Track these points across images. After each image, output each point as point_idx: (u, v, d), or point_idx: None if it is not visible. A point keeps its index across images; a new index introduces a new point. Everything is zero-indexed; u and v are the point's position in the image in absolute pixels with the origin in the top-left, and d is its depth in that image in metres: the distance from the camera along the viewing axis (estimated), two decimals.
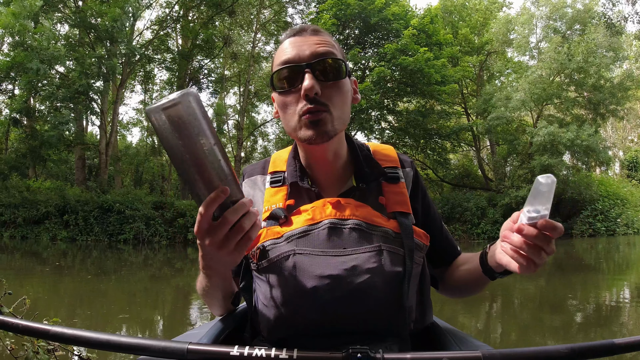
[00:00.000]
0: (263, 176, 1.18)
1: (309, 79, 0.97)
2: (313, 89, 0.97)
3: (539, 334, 4.98)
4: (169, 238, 18.59)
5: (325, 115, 1.00)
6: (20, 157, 21.75)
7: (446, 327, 1.20)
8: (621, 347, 0.77)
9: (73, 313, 5.96)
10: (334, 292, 0.95)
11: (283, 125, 1.08)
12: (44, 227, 18.12)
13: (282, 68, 1.01)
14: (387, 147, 1.22)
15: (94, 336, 0.80)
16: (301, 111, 1.00)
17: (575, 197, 20.77)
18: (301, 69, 0.99)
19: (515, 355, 0.76)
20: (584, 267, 11.16)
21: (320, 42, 1.03)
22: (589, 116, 22.57)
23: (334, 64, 1.02)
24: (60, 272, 9.80)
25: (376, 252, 0.99)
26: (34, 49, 17.43)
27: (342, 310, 0.95)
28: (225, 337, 1.15)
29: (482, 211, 20.72)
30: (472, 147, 27.72)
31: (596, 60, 20.02)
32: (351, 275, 0.95)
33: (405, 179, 1.15)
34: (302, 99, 0.99)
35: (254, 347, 0.77)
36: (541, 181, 0.75)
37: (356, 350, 0.76)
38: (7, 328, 0.83)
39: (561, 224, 0.80)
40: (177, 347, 0.78)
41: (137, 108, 32.93)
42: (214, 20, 25.03)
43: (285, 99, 1.03)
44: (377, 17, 20.10)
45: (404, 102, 23.52)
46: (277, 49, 1.08)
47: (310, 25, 1.08)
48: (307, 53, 1.00)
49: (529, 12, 24.16)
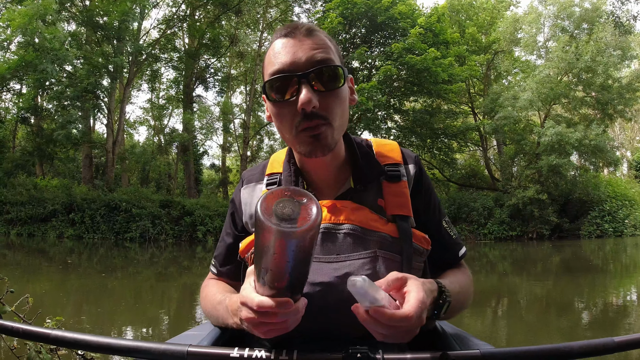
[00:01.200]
0: (260, 181, 1.15)
1: (305, 92, 0.90)
2: (310, 103, 0.90)
3: (546, 335, 4.94)
4: (175, 236, 18.67)
5: (325, 128, 0.94)
6: (27, 155, 21.91)
7: (446, 326, 1.19)
8: (621, 344, 0.76)
9: (80, 311, 5.99)
10: (326, 300, 0.93)
11: (278, 132, 1.04)
12: (50, 225, 18.25)
13: (274, 78, 0.93)
14: (390, 143, 1.15)
15: (93, 340, 0.80)
16: (299, 125, 0.93)
17: (582, 198, 20.65)
18: (296, 78, 0.92)
19: (515, 354, 0.76)
20: (592, 269, 11.08)
21: (316, 46, 0.94)
22: (597, 116, 22.40)
23: (332, 71, 0.94)
24: (67, 270, 9.86)
25: (371, 258, 0.96)
26: (45, 49, 17.51)
27: (334, 318, 0.93)
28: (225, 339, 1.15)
29: (488, 211, 20.62)
30: (479, 146, 27.59)
31: (604, 59, 19.86)
32: (343, 282, 0.87)
33: (407, 177, 1.09)
34: (299, 112, 0.92)
35: (253, 349, 0.77)
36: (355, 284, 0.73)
37: (355, 351, 0.75)
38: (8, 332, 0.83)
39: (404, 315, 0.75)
40: (177, 350, 0.77)
41: (144, 107, 33.11)
42: (220, 19, 25.11)
43: (280, 110, 0.96)
44: (384, 15, 20.06)
45: (411, 101, 23.46)
46: (268, 50, 0.99)
47: (304, 24, 0.99)
48: (302, 60, 0.92)
49: (536, 11, 24.00)
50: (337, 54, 1.00)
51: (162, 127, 30.97)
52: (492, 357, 0.76)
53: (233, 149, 31.22)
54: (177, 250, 15.64)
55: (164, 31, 24.16)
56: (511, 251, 15.85)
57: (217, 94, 28.68)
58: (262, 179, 1.14)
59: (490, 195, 21.91)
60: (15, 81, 20.45)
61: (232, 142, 30.71)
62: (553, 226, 20.05)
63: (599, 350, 0.76)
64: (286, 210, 0.69)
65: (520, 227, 20.22)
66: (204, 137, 28.28)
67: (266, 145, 32.22)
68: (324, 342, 0.96)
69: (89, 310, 6.07)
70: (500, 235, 19.94)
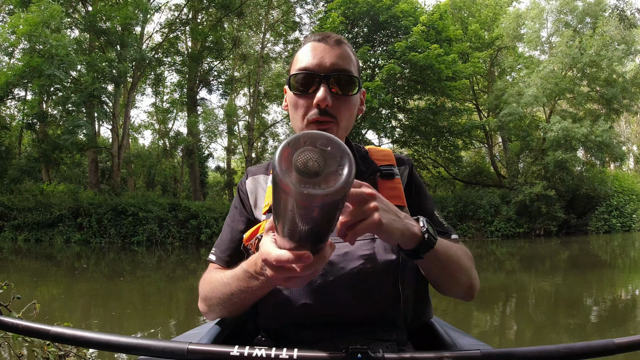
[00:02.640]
0: (266, 175, 1.24)
1: (323, 90, 1.05)
2: (325, 100, 1.05)
3: (555, 333, 4.91)
4: (182, 239, 18.72)
5: (332, 126, 1.08)
6: (32, 161, 22.02)
7: (446, 326, 1.21)
8: (621, 346, 0.77)
9: (88, 314, 6.02)
10: (326, 277, 1.00)
11: (290, 120, 1.16)
12: (57, 230, 18.33)
13: (300, 73, 1.08)
14: (384, 149, 1.28)
15: (93, 336, 0.80)
16: (311, 118, 1.07)
17: (589, 193, 20.53)
18: (318, 78, 1.07)
19: (515, 354, 0.76)
20: (600, 264, 11.01)
21: (341, 55, 1.09)
22: (602, 111, 22.27)
23: (349, 79, 1.09)
24: (75, 274, 9.91)
25: (369, 240, 1.05)
26: (51, 56, 17.58)
27: (335, 294, 1.00)
28: (226, 336, 1.16)
29: (495, 208, 20.52)
30: (484, 144, 27.50)
31: (608, 53, 19.73)
32: (343, 260, 1.02)
33: (401, 176, 1.20)
34: (314, 106, 1.07)
35: (254, 347, 0.76)
36: None
37: (356, 350, 0.75)
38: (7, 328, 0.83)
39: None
40: (177, 347, 0.78)
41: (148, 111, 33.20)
42: (222, 22, 25.15)
43: (298, 101, 1.10)
44: (386, 14, 20.02)
45: (415, 99, 23.39)
46: (300, 49, 1.14)
47: (336, 35, 1.13)
48: (327, 64, 1.07)
49: (539, 6, 23.88)
50: (357, 67, 1.15)
51: (167, 131, 31.07)
52: (492, 358, 0.76)
53: (238, 151, 31.24)
54: (184, 252, 15.68)
55: (167, 35, 24.24)
56: (519, 248, 15.77)
57: (221, 97, 28.72)
58: (267, 173, 1.25)
59: (496, 192, 21.81)
60: (20, 87, 20.53)
61: (237, 144, 30.73)
62: (560, 222, 19.94)
63: (599, 352, 0.76)
64: (310, 164, 0.56)
65: (527, 223, 20.12)
66: (209, 140, 28.37)
67: (270, 147, 32.21)
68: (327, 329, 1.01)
69: (98, 314, 6.10)
70: (507, 233, 19.84)
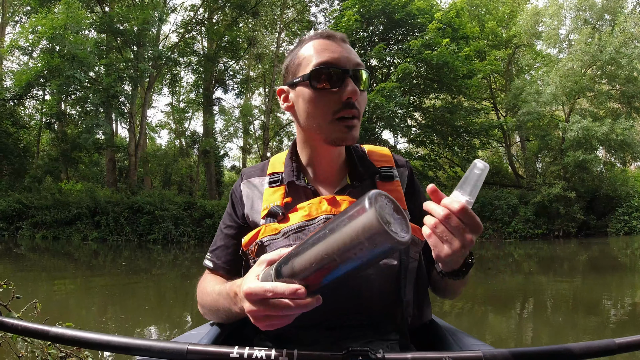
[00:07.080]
0: (261, 178, 1.22)
1: (352, 84, 1.03)
2: (357, 93, 1.04)
3: (573, 336, 4.81)
4: (197, 238, 18.88)
5: (356, 121, 1.07)
6: (53, 161, 22.47)
7: (446, 326, 1.21)
8: (622, 346, 0.77)
9: (105, 311, 6.07)
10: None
11: (302, 119, 1.10)
12: (75, 228, 18.66)
13: (325, 67, 1.04)
14: (382, 149, 1.26)
15: (93, 337, 0.80)
16: (336, 114, 1.04)
17: (610, 194, 20.15)
18: (346, 73, 1.04)
19: (516, 354, 0.76)
20: (620, 267, 10.79)
21: (353, 52, 1.09)
22: (622, 110, 21.82)
23: (367, 75, 1.09)
24: (93, 271, 10.05)
25: None
26: (72, 57, 17.87)
27: (337, 302, 0.97)
28: (225, 337, 1.16)
29: (513, 209, 20.24)
30: (501, 143, 27.14)
31: (628, 51, 19.32)
32: None
33: (400, 178, 1.19)
34: (343, 101, 1.03)
35: (254, 348, 0.76)
36: (479, 166, 0.77)
37: (357, 351, 0.75)
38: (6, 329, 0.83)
39: (481, 224, 0.81)
40: (177, 348, 0.78)
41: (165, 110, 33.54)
42: (238, 22, 25.29)
43: (321, 97, 1.05)
44: (402, 12, 19.87)
45: (431, 98, 23.19)
46: (306, 47, 1.10)
47: (339, 33, 1.11)
48: (349, 60, 1.06)
49: (557, 3, 23.46)
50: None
51: (183, 130, 31.39)
52: (494, 358, 0.76)
53: (253, 150, 31.42)
54: (199, 251, 15.79)
55: (183, 35, 24.47)
56: (537, 250, 15.53)
57: (236, 96, 28.91)
58: (263, 175, 1.22)
59: (514, 193, 21.52)
60: (38, 87, 20.91)
61: (252, 144, 30.91)
62: (580, 224, 19.59)
63: (599, 352, 0.77)
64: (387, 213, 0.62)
65: (545, 225, 19.81)
66: (225, 140, 28.59)
67: (285, 146, 32.32)
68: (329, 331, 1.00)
69: (114, 311, 6.15)
70: (525, 234, 19.57)
